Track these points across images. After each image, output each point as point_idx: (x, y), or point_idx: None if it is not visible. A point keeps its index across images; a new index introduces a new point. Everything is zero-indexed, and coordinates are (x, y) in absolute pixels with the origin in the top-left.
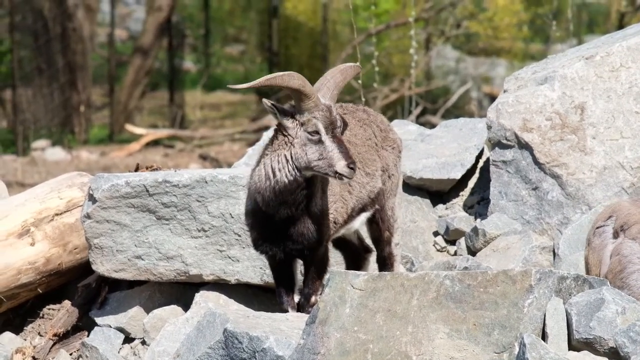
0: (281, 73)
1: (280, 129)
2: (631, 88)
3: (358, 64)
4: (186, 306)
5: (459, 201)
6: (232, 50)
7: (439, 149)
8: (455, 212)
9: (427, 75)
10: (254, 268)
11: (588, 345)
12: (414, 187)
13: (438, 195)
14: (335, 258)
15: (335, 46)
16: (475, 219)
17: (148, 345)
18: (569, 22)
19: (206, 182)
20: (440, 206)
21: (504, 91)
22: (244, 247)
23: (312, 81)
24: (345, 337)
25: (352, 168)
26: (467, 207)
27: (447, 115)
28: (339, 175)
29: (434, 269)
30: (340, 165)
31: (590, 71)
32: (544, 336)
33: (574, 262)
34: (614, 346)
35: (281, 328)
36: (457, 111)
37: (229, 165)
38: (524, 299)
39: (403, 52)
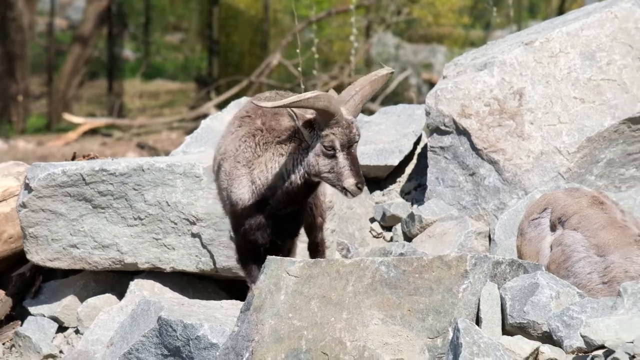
0: (307, 95)
1: (298, 134)
2: (570, 73)
3: (390, 69)
4: (121, 295)
5: (396, 187)
6: (172, 38)
7: (377, 135)
8: (392, 199)
9: (367, 62)
10: (190, 256)
11: (522, 329)
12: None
13: (375, 181)
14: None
15: (276, 34)
16: (412, 205)
17: (82, 334)
18: (510, 8)
19: (143, 170)
20: (377, 192)
21: (443, 77)
22: (179, 235)
23: (252, 70)
24: (280, 324)
25: (359, 187)
26: (404, 194)
27: (386, 102)
28: (345, 191)
29: (369, 255)
30: (349, 183)
31: (530, 57)
32: (478, 321)
33: (509, 247)
34: (548, 330)
35: (216, 315)
36: (396, 98)
37: (167, 153)
38: (459, 284)
39: (343, 40)
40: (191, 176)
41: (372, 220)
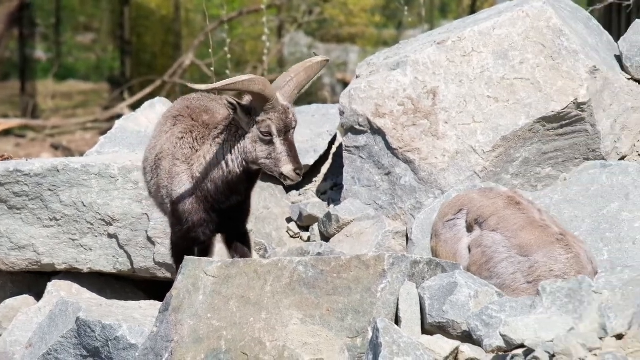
0: (242, 77)
1: (234, 122)
2: (483, 72)
3: (326, 56)
4: (39, 296)
5: (312, 187)
6: (84, 39)
7: None
8: (308, 198)
9: (280, 62)
10: (107, 256)
11: (441, 329)
12: (266, 174)
13: None
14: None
15: (188, 34)
16: (329, 204)
17: (0, 335)
18: (421, 8)
19: (58, 170)
20: (294, 192)
21: (357, 77)
22: (96, 236)
23: (165, 70)
24: (199, 324)
25: (298, 173)
26: (321, 193)
27: (299, 101)
28: (283, 177)
29: (287, 255)
30: (287, 169)
31: (442, 56)
32: (397, 321)
33: (427, 247)
34: (467, 329)
35: (134, 316)
36: (310, 97)
37: (81, 154)
38: (377, 284)
39: (256, 39)
40: (106, 176)
41: (289, 220)
